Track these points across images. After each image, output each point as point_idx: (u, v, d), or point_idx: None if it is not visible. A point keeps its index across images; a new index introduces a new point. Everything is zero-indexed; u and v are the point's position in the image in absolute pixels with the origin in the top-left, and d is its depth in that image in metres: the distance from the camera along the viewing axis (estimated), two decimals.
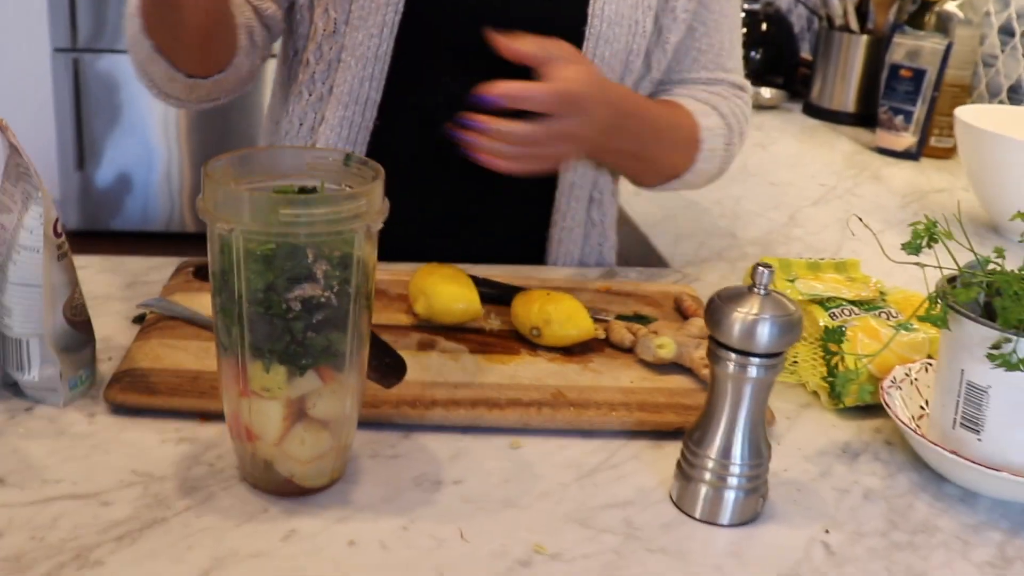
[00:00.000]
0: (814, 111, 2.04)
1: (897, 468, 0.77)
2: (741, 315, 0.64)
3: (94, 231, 3.47)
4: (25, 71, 3.35)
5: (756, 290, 0.65)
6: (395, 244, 0.96)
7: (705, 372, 0.83)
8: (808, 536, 0.68)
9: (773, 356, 0.65)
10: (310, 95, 1.04)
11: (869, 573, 0.64)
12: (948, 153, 1.78)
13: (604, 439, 0.77)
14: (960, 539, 0.69)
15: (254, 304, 0.60)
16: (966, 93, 1.78)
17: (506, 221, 1.11)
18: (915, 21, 1.86)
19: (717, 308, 0.65)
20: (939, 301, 0.72)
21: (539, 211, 1.10)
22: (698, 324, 0.89)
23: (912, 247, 0.71)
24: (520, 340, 0.88)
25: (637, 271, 1.12)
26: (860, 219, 0.95)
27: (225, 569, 0.60)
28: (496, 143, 0.86)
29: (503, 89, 0.84)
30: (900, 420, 0.75)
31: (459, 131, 0.85)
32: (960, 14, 1.82)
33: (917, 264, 0.74)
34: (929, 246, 0.72)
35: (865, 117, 1.97)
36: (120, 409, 0.75)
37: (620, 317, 0.93)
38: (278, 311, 0.60)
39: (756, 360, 0.65)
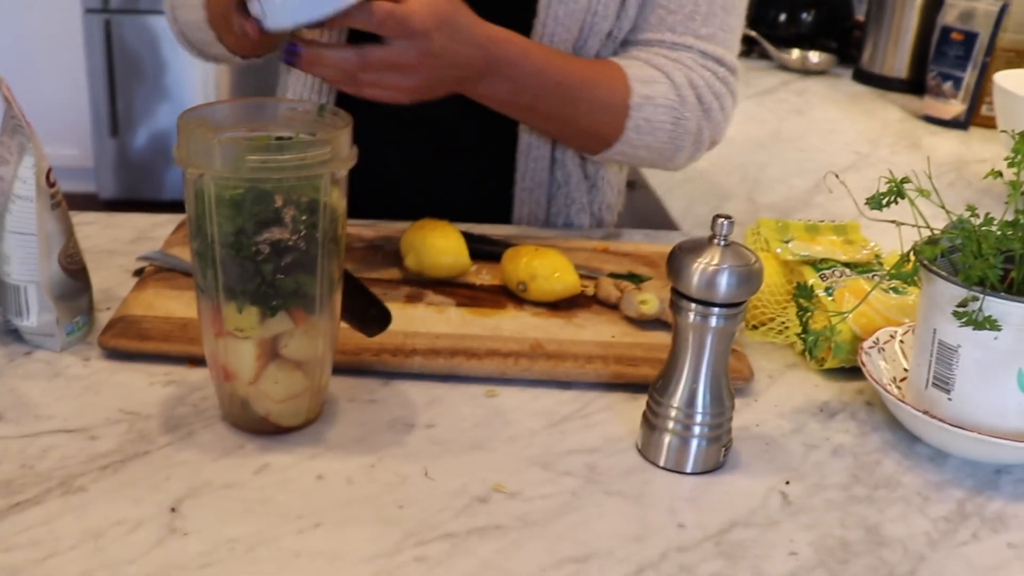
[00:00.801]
0: (864, 77, 2.06)
1: (872, 428, 0.81)
2: (701, 265, 0.69)
3: (131, 199, 3.60)
4: (55, 34, 3.48)
5: (716, 241, 0.70)
6: (369, 198, 1.01)
7: None
8: (768, 486, 0.73)
9: (733, 306, 0.70)
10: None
11: (822, 523, 0.69)
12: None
13: (580, 390, 0.83)
14: (921, 495, 0.73)
15: (226, 247, 0.67)
16: (1020, 58, 1.79)
17: (469, 180, 1.17)
18: None
19: (677, 258, 0.71)
20: (910, 258, 0.76)
21: (500, 171, 1.14)
22: None
23: (875, 202, 0.75)
24: (507, 295, 0.94)
25: (644, 233, 1.17)
26: (836, 176, 0.99)
27: (198, 497, 0.68)
28: (318, 66, 0.86)
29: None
30: (875, 380, 0.80)
31: (287, 55, 0.85)
32: None
33: (892, 222, 0.78)
34: (896, 202, 0.76)
35: (917, 83, 1.98)
36: (113, 354, 0.83)
37: (612, 275, 0.99)
38: (248, 253, 0.67)
39: (716, 310, 0.70)
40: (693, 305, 0.70)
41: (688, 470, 0.74)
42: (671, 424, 0.73)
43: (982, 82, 1.75)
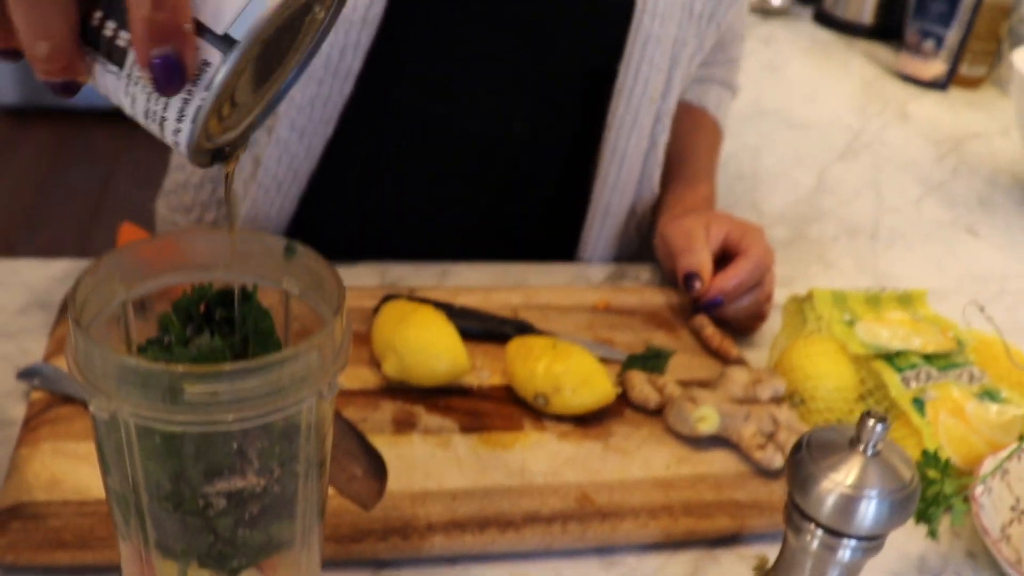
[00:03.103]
0: (826, 20, 1.81)
1: None
2: (836, 484, 0.46)
3: (34, 107, 3.17)
4: None
5: (861, 447, 0.47)
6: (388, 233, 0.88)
7: (759, 455, 0.66)
8: None
9: (874, 539, 0.47)
10: None
11: None
12: (978, 83, 1.57)
13: (628, 564, 0.60)
14: None
15: (157, 499, 0.41)
16: (1005, 16, 1.56)
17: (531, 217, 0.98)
18: None
19: (803, 465, 0.47)
20: None
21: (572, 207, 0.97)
22: (740, 381, 0.71)
23: None
24: (519, 403, 0.69)
25: (649, 269, 0.93)
26: (981, 308, 0.76)
27: None
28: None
29: (718, 289, 0.79)
30: (994, 545, 0.59)
31: (709, 306, 0.80)
32: None
33: None
34: None
35: (884, 31, 1.74)
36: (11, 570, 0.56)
37: (633, 359, 0.75)
38: (192, 508, 0.41)
39: (851, 542, 0.47)
40: (819, 531, 0.47)
41: None
42: None
43: (966, 42, 1.52)
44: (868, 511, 0.46)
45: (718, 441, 0.68)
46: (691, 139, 0.96)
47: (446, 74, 0.84)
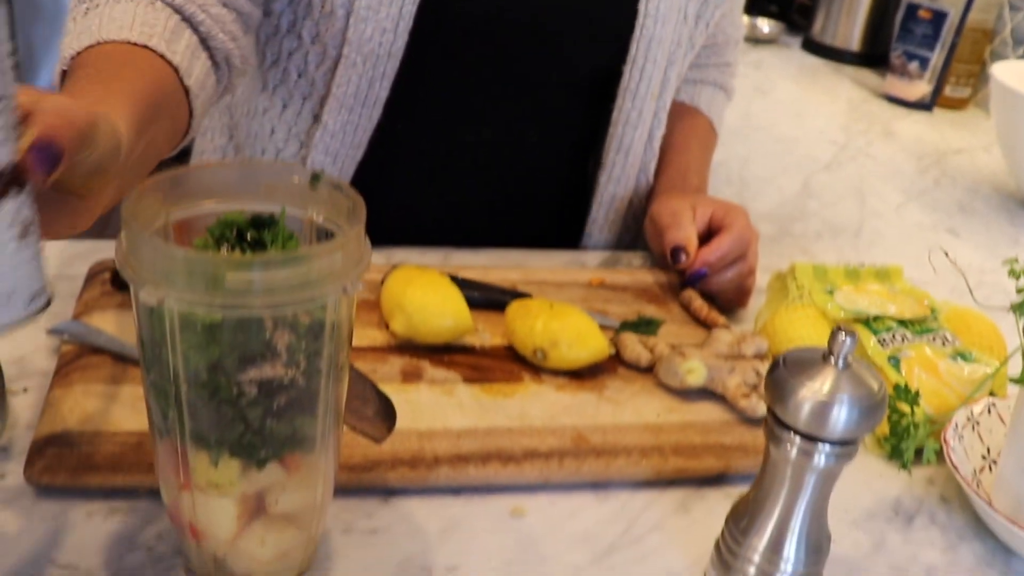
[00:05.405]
0: (814, 48, 1.89)
1: (958, 536, 0.66)
2: (812, 392, 0.51)
3: None
4: None
5: (833, 361, 0.52)
6: (408, 230, 0.92)
7: (743, 403, 0.71)
8: None
9: (847, 443, 0.52)
10: (304, 100, 0.89)
11: None
12: (962, 104, 1.65)
13: (620, 499, 0.64)
14: None
15: (195, 387, 0.46)
16: (987, 39, 1.64)
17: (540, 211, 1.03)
18: None
19: (782, 378, 0.52)
20: None
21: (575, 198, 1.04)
22: (725, 340, 0.76)
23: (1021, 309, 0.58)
24: (519, 360, 0.75)
25: (641, 256, 0.98)
26: (946, 253, 0.82)
27: None
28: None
29: (702, 261, 0.85)
30: (966, 482, 0.64)
31: (693, 279, 0.86)
32: None
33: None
34: None
35: (871, 57, 1.83)
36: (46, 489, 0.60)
37: (625, 325, 0.80)
38: (227, 396, 0.46)
39: (826, 447, 0.52)
40: (797, 439, 0.52)
41: None
42: (752, 570, 0.56)
43: (949, 63, 1.60)
44: (840, 416, 0.51)
45: (705, 394, 0.73)
46: (684, 136, 1.02)
47: (465, 92, 0.91)
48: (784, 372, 0.52)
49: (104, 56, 0.64)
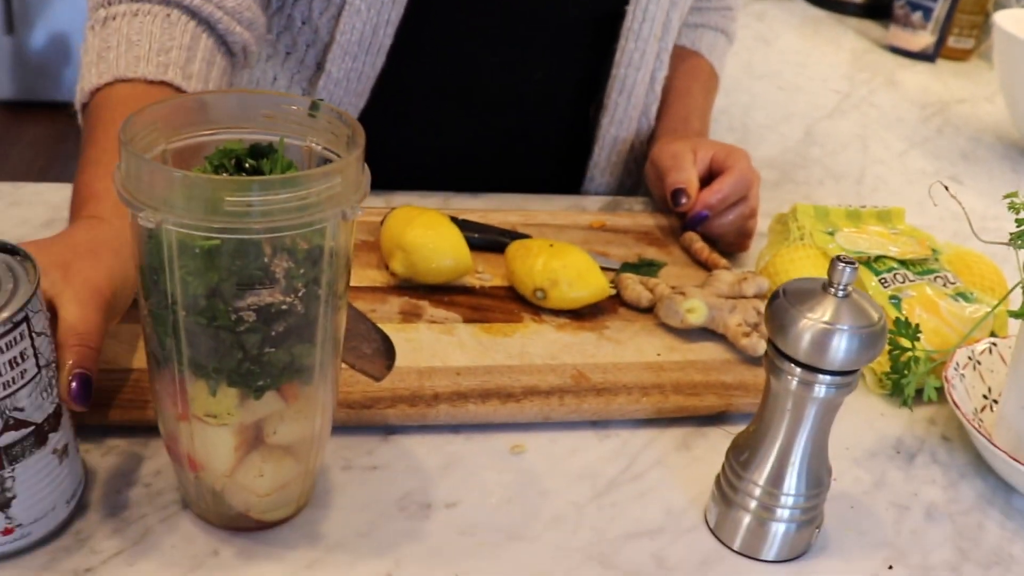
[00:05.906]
0: (818, 0, 1.87)
1: (959, 474, 0.66)
2: (812, 322, 0.51)
3: (30, 101, 3.22)
4: None
5: (832, 291, 0.52)
6: (409, 175, 0.92)
7: (744, 342, 0.70)
8: (869, 573, 0.57)
9: (847, 374, 0.52)
10: (307, 47, 0.89)
11: None
12: (966, 55, 1.63)
13: (621, 437, 0.65)
14: None
15: (193, 313, 0.46)
16: None
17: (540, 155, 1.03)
18: None
19: (782, 309, 0.52)
20: None
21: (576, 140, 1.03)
22: (726, 279, 0.76)
23: (1019, 240, 0.57)
24: (519, 300, 0.74)
25: (643, 202, 0.98)
26: (946, 187, 0.82)
27: None
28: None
29: (703, 203, 0.84)
30: (967, 420, 0.64)
31: (696, 221, 0.85)
32: None
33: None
34: None
35: (874, 8, 1.81)
36: None
37: (626, 266, 0.80)
38: (225, 322, 0.46)
39: (826, 378, 0.52)
40: (797, 370, 0.52)
41: (771, 557, 0.57)
42: (753, 504, 0.56)
43: (952, 13, 1.58)
44: (840, 345, 0.51)
45: (706, 333, 0.73)
46: (686, 79, 1.01)
47: (469, 39, 0.91)
48: (784, 302, 0.52)
49: (121, 104, 0.69)
